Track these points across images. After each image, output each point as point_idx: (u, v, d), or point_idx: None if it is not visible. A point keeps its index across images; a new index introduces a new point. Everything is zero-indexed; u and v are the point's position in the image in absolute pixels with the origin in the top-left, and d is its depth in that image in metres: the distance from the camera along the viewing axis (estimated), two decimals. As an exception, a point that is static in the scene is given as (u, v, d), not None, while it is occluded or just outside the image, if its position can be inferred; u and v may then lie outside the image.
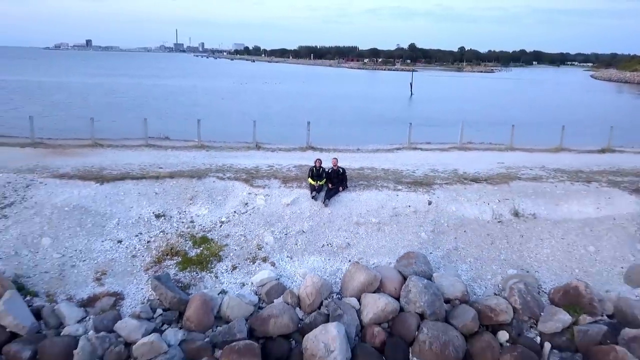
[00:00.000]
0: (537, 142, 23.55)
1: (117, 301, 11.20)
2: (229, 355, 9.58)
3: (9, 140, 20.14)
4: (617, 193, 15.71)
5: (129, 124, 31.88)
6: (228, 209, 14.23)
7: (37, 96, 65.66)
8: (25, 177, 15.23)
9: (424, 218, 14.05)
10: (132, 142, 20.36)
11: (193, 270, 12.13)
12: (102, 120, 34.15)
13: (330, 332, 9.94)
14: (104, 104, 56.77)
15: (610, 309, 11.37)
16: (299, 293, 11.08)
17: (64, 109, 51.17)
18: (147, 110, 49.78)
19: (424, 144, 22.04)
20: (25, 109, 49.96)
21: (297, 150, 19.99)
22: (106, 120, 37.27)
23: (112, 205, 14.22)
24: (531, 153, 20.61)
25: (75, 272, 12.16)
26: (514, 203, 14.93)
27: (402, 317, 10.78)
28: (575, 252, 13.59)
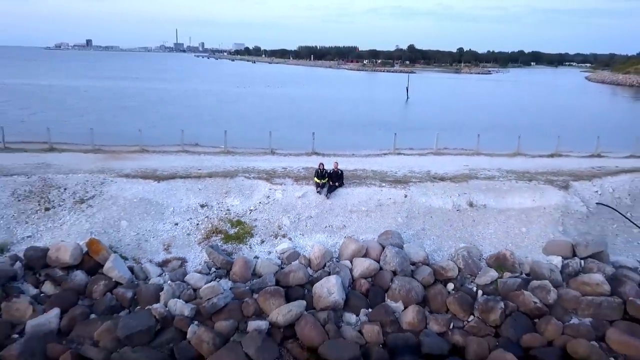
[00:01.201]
0: (505, 147, 28.45)
1: (182, 263, 16.03)
2: (264, 296, 14.36)
3: (72, 147, 24.94)
4: (550, 189, 20.53)
5: (156, 131, 36.85)
6: (255, 201, 19.03)
7: (52, 101, 70.54)
8: (98, 176, 20.00)
9: (400, 207, 18.84)
10: (171, 149, 25.20)
11: (233, 243, 16.96)
12: (128, 125, 39.18)
13: (331, 282, 14.73)
14: (118, 108, 61.73)
15: (527, 269, 16.19)
16: (310, 257, 15.88)
17: (83, 114, 55.92)
18: (158, 116, 54.74)
19: (406, 149, 26.88)
20: (45, 114, 54.96)
21: (304, 155, 24.81)
22: (133, 126, 42.14)
23: (167, 197, 19.00)
24: (492, 157, 25.43)
25: (148, 244, 16.98)
26: (470, 196, 19.73)
27: (380, 273, 15.58)
28: (511, 232, 18.42)
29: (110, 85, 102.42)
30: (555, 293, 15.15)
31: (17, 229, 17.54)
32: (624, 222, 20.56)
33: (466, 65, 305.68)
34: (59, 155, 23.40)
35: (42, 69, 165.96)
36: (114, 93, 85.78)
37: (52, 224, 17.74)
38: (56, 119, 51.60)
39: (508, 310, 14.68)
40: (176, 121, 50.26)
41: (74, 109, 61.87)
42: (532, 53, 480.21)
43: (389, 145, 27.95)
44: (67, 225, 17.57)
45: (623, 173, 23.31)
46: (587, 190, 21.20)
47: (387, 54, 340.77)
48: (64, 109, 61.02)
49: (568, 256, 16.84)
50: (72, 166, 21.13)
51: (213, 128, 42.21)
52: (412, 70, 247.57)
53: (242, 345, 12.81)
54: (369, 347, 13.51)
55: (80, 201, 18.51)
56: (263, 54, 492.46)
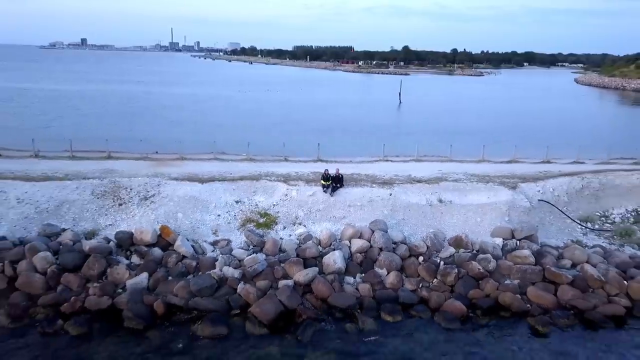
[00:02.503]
0: (476, 153, 34.65)
1: (228, 242, 22.09)
2: (289, 264, 20.43)
3: (125, 155, 30.94)
4: (501, 189, 26.71)
5: (183, 137, 43.01)
6: (276, 198, 25.09)
7: (65, 106, 76.82)
8: (154, 179, 25.99)
9: (386, 203, 24.94)
10: (204, 157, 31.28)
11: (263, 229, 23.04)
12: (148, 132, 45.34)
13: (335, 255, 20.82)
14: (130, 114, 67.95)
15: (477, 247, 22.36)
16: (319, 238, 21.98)
17: (101, 120, 62.08)
18: (171, 122, 60.90)
19: (393, 156, 33.04)
20: (65, 120, 61.11)
21: (310, 162, 30.91)
22: (153, 133, 48.36)
23: (210, 195, 25.03)
24: (462, 163, 31.62)
25: (200, 230, 23.02)
26: (439, 195, 25.85)
27: (371, 250, 21.70)
28: (469, 221, 24.56)
29: (115, 89, 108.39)
30: (494, 263, 21.33)
31: (99, 219, 23.58)
32: (559, 215, 26.82)
33: (459, 66, 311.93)
34: (116, 162, 29.42)
35: (44, 71, 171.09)
36: (120, 97, 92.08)
37: (126, 216, 23.79)
38: (78, 124, 57.87)
39: (460, 275, 20.83)
40: (191, 127, 56.56)
41: (90, 114, 67.98)
42: (525, 53, 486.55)
43: (379, 152, 34.14)
44: (137, 217, 23.60)
45: (563, 176, 29.59)
46: (531, 189, 27.41)
47: (382, 55, 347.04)
48: (81, 115, 67.16)
49: (508, 238, 23.05)
50: (131, 171, 27.14)
51: (230, 134, 48.41)
52: (407, 72, 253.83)
53: (277, 295, 18.88)
54: (363, 299, 19.59)
55: (145, 198, 24.55)
56: (259, 54, 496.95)
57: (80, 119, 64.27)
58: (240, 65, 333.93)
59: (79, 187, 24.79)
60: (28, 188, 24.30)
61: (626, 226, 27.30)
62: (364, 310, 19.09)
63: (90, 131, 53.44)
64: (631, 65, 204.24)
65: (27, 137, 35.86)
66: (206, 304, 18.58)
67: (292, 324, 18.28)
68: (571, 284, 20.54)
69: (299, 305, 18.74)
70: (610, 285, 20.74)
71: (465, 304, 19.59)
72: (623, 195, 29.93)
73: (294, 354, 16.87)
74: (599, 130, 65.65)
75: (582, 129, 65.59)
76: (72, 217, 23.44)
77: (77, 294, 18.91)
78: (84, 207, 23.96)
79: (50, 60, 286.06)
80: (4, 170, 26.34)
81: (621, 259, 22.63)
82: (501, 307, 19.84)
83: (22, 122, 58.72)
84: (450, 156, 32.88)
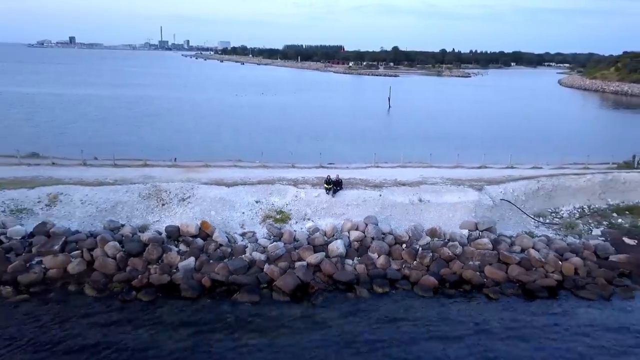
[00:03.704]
0: (452, 159, 40.92)
1: (254, 234, 28.11)
2: (302, 250, 26.47)
3: (158, 163, 36.78)
4: (470, 190, 32.95)
5: (196, 143, 48.97)
6: (288, 199, 31.11)
7: (71, 111, 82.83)
8: (187, 184, 31.87)
9: (377, 202, 31.05)
10: (224, 164, 37.23)
11: (280, 223, 29.07)
12: (158, 138, 51.24)
13: (338, 243, 26.94)
14: (136, 119, 73.85)
15: (448, 236, 28.59)
16: (325, 230, 28.08)
17: (109, 125, 67.90)
18: (173, 126, 66.79)
19: (382, 163, 39.20)
20: (77, 126, 66.94)
21: (314, 168, 36.95)
22: (164, 139, 54.25)
23: (235, 197, 30.96)
24: (439, 169, 37.84)
25: (230, 224, 28.99)
26: (420, 195, 32.02)
27: (365, 239, 27.84)
28: (442, 217, 30.73)
29: (116, 94, 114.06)
30: (461, 249, 27.59)
31: (148, 217, 29.49)
32: (517, 211, 33.12)
33: (447, 67, 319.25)
34: (152, 169, 35.24)
35: (42, 74, 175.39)
36: (122, 102, 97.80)
37: (169, 213, 29.72)
38: (90, 130, 63.75)
39: (434, 257, 27.03)
40: (200, 134, 62.46)
41: (97, 120, 73.76)
42: (513, 53, 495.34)
43: (371, 157, 40.34)
44: (178, 214, 29.52)
45: (523, 179, 35.94)
46: (495, 191, 33.67)
47: (372, 55, 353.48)
48: (89, 120, 72.91)
49: (473, 230, 29.32)
50: (167, 177, 33.03)
51: (238, 141, 54.40)
52: (396, 74, 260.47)
53: (295, 272, 24.95)
54: (359, 275, 25.68)
55: (183, 199, 30.46)
56: (250, 54, 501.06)
57: (89, 124, 70.23)
58: (232, 65, 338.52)
59: (128, 190, 30.66)
60: (87, 192, 30.12)
61: (571, 220, 33.75)
62: (360, 283, 25.22)
63: (103, 137, 59.40)
64: (611, 67, 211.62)
65: (46, 144, 42.11)
66: (241, 280, 24.59)
67: (307, 294, 24.39)
68: (518, 264, 26.86)
69: (312, 280, 24.84)
70: (548, 265, 27.10)
71: (437, 279, 25.77)
72: (572, 195, 36.38)
73: (309, 314, 22.94)
74: (576, 135, 72.59)
75: (558, 133, 72.54)
76: (126, 215, 29.34)
77: (142, 273, 24.84)
78: (134, 206, 29.85)
79: (44, 60, 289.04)
80: (64, 177, 32.14)
81: (560, 245, 29.03)
82: (464, 281, 26.06)
83: (37, 129, 64.46)
84: (430, 162, 39.12)
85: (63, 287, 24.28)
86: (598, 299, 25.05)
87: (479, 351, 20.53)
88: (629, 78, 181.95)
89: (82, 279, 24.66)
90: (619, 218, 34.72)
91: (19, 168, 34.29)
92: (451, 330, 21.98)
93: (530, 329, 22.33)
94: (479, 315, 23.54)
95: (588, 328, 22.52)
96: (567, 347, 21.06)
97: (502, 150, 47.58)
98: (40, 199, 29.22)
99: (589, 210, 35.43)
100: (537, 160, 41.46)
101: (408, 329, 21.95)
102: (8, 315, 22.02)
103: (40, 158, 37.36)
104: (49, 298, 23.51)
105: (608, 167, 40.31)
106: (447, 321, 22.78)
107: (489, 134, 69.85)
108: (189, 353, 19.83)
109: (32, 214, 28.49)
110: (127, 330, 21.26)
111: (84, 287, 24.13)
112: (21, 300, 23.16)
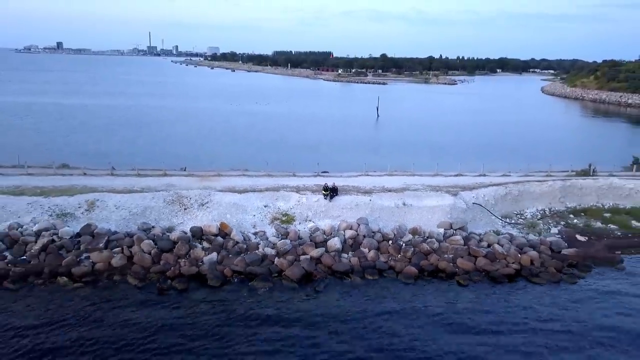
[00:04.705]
0: (433, 167, 46.56)
1: (264, 233, 33.42)
2: (305, 246, 31.81)
3: (175, 173, 41.95)
4: (447, 196, 38.55)
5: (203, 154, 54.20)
6: (292, 203, 36.46)
7: (74, 122, 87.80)
8: (205, 191, 37.07)
9: (367, 206, 36.49)
10: (234, 173, 42.48)
11: (286, 224, 34.42)
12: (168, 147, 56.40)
13: (335, 240, 32.33)
14: (140, 128, 78.65)
15: (427, 234, 34.12)
16: (324, 229, 33.48)
17: (116, 136, 72.73)
18: (176, 136, 71.89)
19: (372, 172, 44.71)
20: (81, 136, 71.78)
21: (312, 177, 42.35)
22: (173, 149, 59.42)
23: (246, 202, 36.24)
24: (421, 177, 43.45)
25: (243, 224, 34.26)
26: (404, 200, 37.54)
27: (357, 237, 33.27)
28: (423, 218, 36.25)
29: (115, 103, 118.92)
30: (437, 244, 33.12)
31: (173, 219, 34.65)
32: (487, 213, 38.76)
33: (434, 74, 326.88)
34: (171, 178, 40.41)
35: (37, 82, 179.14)
36: (122, 111, 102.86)
37: (190, 216, 34.90)
38: (93, 140, 68.82)
39: (415, 252, 32.52)
40: (205, 143, 67.69)
41: (104, 130, 78.73)
42: (499, 60, 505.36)
43: (361, 166, 45.85)
44: (199, 217, 34.70)
45: (492, 186, 41.66)
46: (468, 196, 39.30)
47: (360, 62, 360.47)
48: (98, 131, 77.92)
49: (448, 228, 34.88)
50: (186, 185, 38.24)
51: (240, 150, 59.66)
52: (384, 81, 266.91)
53: (300, 264, 30.30)
54: (353, 266, 31.06)
55: (202, 204, 35.67)
56: (240, 60, 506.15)
57: (91, 134, 75.10)
58: (223, 72, 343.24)
59: (154, 197, 35.82)
60: (119, 198, 35.23)
61: (534, 221, 39.51)
62: (354, 273, 30.62)
63: (107, 146, 64.43)
64: (591, 76, 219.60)
65: (57, 154, 47.48)
66: (256, 270, 29.87)
67: (311, 281, 29.72)
68: (485, 257, 32.43)
69: (314, 270, 30.20)
70: (509, 257, 32.72)
71: (418, 269, 31.24)
72: (535, 199, 42.22)
73: (313, 297, 28.25)
74: (545, 143, 78.87)
75: (530, 142, 78.80)
76: (154, 218, 34.48)
77: (174, 265, 30.03)
78: (161, 211, 35.01)
79: (32, 66, 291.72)
80: (97, 186, 37.21)
81: (520, 241, 34.71)
82: (440, 270, 31.57)
83: (46, 139, 69.27)
84: (413, 171, 44.73)
85: (109, 277, 29.39)
86: (548, 284, 30.75)
87: (448, 323, 26.01)
88: (607, 86, 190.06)
89: (124, 271, 29.79)
90: (574, 219, 40.59)
91: (55, 178, 39.25)
92: (428, 309, 27.42)
93: (492, 307, 27.88)
94: (451, 297, 29.02)
95: (537, 306, 28.11)
96: (519, 319, 26.59)
97: (477, 158, 53.46)
98: (80, 205, 34.28)
99: (549, 212, 41.25)
100: (507, 168, 47.26)
101: (393, 309, 27.33)
102: (68, 299, 27.08)
103: (71, 169, 42.31)
104: (99, 286, 28.62)
105: (567, 175, 46.21)
106: (425, 302, 28.24)
107: (467, 143, 76.18)
108: (217, 327, 24.97)
109: (75, 217, 33.54)
110: (166, 311, 26.41)
111: (127, 277, 29.25)
112: (77, 287, 28.23)
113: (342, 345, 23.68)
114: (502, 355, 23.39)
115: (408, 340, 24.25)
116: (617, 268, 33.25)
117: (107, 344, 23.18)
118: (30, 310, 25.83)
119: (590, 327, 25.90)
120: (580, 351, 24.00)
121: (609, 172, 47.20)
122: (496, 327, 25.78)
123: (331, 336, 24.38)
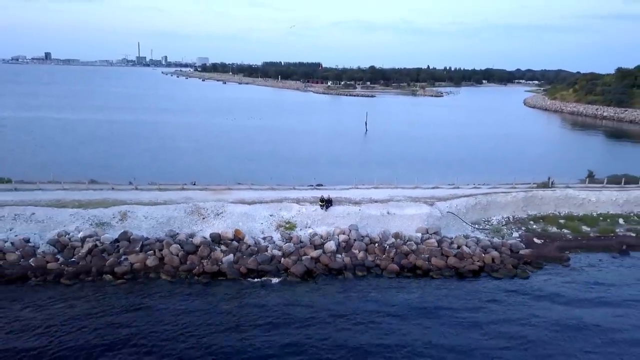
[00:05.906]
0: (413, 180, 53.44)
1: (272, 237, 39.97)
2: (305, 248, 38.41)
3: (189, 187, 48.39)
4: (424, 205, 45.39)
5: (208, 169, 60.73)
6: (293, 213, 43.05)
7: (81, 136, 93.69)
8: (219, 202, 43.54)
9: (357, 215, 43.16)
10: (241, 187, 49.02)
11: (289, 230, 40.99)
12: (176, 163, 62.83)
13: (331, 243, 38.92)
14: (143, 141, 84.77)
15: (407, 238, 40.88)
16: (322, 234, 40.08)
17: (123, 149, 78.85)
18: (179, 152, 78.22)
19: (360, 184, 51.50)
20: (88, 150, 77.78)
21: (309, 190, 49.02)
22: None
23: (255, 212, 42.74)
24: (404, 189, 50.30)
25: (253, 231, 40.76)
26: (388, 209, 44.29)
27: (349, 241, 39.91)
28: (404, 224, 42.97)
29: (114, 118, 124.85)
30: (416, 246, 39.88)
31: (193, 227, 41.05)
32: (459, 220, 45.62)
33: (422, 86, 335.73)
34: (188, 192, 46.84)
35: (37, 96, 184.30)
36: (122, 127, 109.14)
37: (208, 224, 41.33)
38: (99, 154, 75.05)
39: (397, 252, 39.19)
40: (207, 158, 74.14)
41: (114, 147, 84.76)
42: (485, 71, 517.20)
43: (351, 180, 52.63)
44: (215, 225, 41.14)
45: (464, 197, 48.61)
46: (443, 205, 46.17)
47: (349, 74, 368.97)
48: (95, 145, 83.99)
49: (425, 233, 41.68)
50: (202, 198, 44.68)
51: (240, 165, 66.23)
52: (373, 94, 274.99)
53: (302, 262, 36.85)
54: (346, 265, 37.66)
55: (217, 214, 42.13)
56: (230, 71, 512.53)
57: (96, 148, 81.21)
58: (214, 85, 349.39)
59: (177, 208, 42.25)
60: (147, 210, 41.60)
61: (498, 227, 46.47)
62: (347, 270, 37.24)
63: (110, 160, 70.63)
64: (570, 89, 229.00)
65: (80, 169, 53.73)
66: (266, 268, 36.37)
67: (311, 276, 36.28)
68: (455, 256, 39.21)
69: (314, 267, 36.77)
70: (475, 256, 39.53)
71: (399, 267, 37.90)
72: (501, 208, 49.25)
73: (313, 289, 34.79)
74: (516, 157, 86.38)
75: (502, 156, 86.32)
76: (178, 226, 40.87)
77: (198, 265, 36.42)
78: (183, 220, 41.42)
79: (22, 79, 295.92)
80: (126, 199, 43.54)
81: (485, 243, 41.60)
82: (417, 267, 38.29)
83: (49, 154, 75.34)
84: (396, 184, 51.58)
85: (145, 275, 35.70)
86: (505, 277, 37.59)
87: (422, 307, 32.69)
88: (585, 99, 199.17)
89: (157, 270, 36.11)
90: (534, 225, 47.63)
91: (87, 192, 45.51)
92: (407, 299, 34.06)
93: (458, 295, 34.59)
94: (426, 289, 35.71)
95: (495, 294, 34.88)
96: (480, 305, 33.31)
97: (452, 172, 60.53)
98: (114, 215, 40.59)
99: (513, 219, 48.26)
100: (478, 180, 54.35)
101: (378, 298, 33.94)
102: (113, 292, 33.34)
103: (100, 184, 48.57)
104: (138, 282, 34.92)
105: (529, 187, 53.33)
106: (405, 293, 34.88)
107: (445, 156, 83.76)
108: (238, 313, 31.37)
109: (111, 226, 39.83)
110: (194, 301, 32.76)
111: (160, 275, 35.60)
112: (120, 283, 34.50)
113: (337, 322, 30.25)
114: (464, 330, 30.11)
115: (388, 321, 30.87)
116: (564, 265, 40.19)
117: (147, 324, 29.40)
118: (86, 301, 32.05)
119: (535, 308, 32.75)
120: (520, 324, 30.82)
121: (565, 184, 54.42)
122: (461, 310, 32.50)
123: (328, 318, 30.93)
